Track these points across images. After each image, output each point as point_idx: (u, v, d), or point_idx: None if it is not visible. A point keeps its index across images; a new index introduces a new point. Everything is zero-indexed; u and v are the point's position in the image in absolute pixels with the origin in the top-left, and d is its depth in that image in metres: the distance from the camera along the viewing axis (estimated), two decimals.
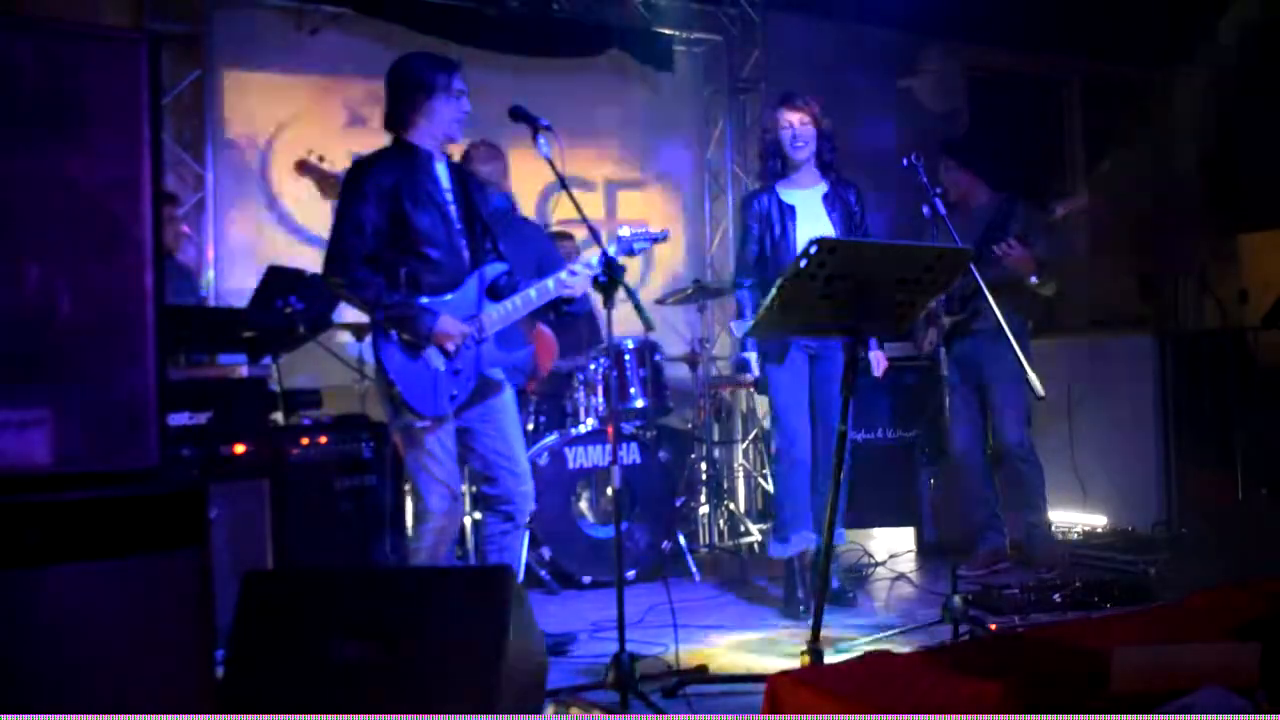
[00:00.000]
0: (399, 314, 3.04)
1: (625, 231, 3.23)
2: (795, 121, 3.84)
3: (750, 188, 6.38)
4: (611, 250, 3.15)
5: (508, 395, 3.35)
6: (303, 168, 4.17)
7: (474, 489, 3.91)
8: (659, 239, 3.34)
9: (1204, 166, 7.67)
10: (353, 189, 3.08)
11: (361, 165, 3.13)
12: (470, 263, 3.23)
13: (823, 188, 3.92)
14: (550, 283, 3.21)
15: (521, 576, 3.42)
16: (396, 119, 3.18)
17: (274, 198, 5.29)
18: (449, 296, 3.15)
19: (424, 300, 3.10)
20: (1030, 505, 4.53)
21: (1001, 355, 4.33)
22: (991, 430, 4.57)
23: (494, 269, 3.28)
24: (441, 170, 3.22)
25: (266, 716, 2.09)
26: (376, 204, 3.05)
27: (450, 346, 3.09)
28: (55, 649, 1.81)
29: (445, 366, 3.10)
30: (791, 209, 3.88)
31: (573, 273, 3.21)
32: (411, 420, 3.09)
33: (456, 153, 4.27)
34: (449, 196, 3.21)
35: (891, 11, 6.29)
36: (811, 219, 3.86)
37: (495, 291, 3.26)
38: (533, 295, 3.21)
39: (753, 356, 3.90)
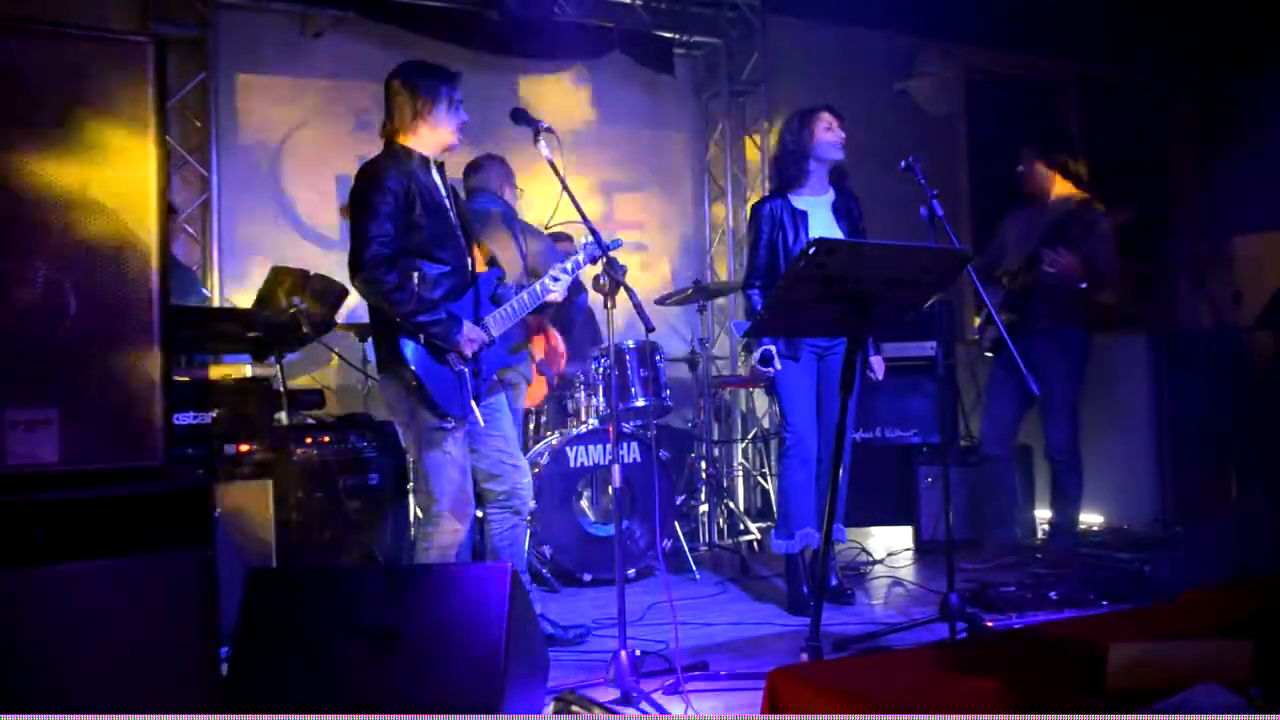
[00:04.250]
0: (432, 320, 3.07)
1: (587, 236, 3.27)
2: (838, 126, 3.96)
3: (751, 191, 6.42)
4: (581, 258, 3.36)
5: (503, 395, 3.44)
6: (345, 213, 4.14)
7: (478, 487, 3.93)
8: (615, 246, 3.41)
9: (1199, 168, 7.70)
10: (372, 193, 3.06)
11: (375, 170, 3.11)
12: (471, 266, 3.27)
13: (830, 196, 4.01)
14: (538, 287, 3.37)
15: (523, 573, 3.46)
16: (398, 125, 3.19)
17: (280, 199, 5.31)
18: (460, 300, 3.20)
19: (444, 305, 3.14)
20: (1056, 505, 4.55)
21: (1056, 356, 4.36)
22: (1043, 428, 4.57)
23: (491, 274, 3.36)
24: (436, 176, 3.25)
25: (270, 715, 2.11)
26: (394, 208, 3.05)
27: (469, 351, 3.15)
28: (61, 646, 1.83)
29: (467, 369, 3.16)
30: (804, 214, 3.94)
31: (554, 278, 3.38)
32: (436, 421, 3.12)
33: (460, 164, 4.31)
34: (448, 203, 3.24)
35: (890, 15, 6.31)
36: (822, 224, 3.94)
37: (493, 297, 3.34)
38: (525, 299, 3.35)
39: (773, 349, 3.93)
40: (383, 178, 3.06)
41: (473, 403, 3.17)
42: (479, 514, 3.67)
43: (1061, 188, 4.54)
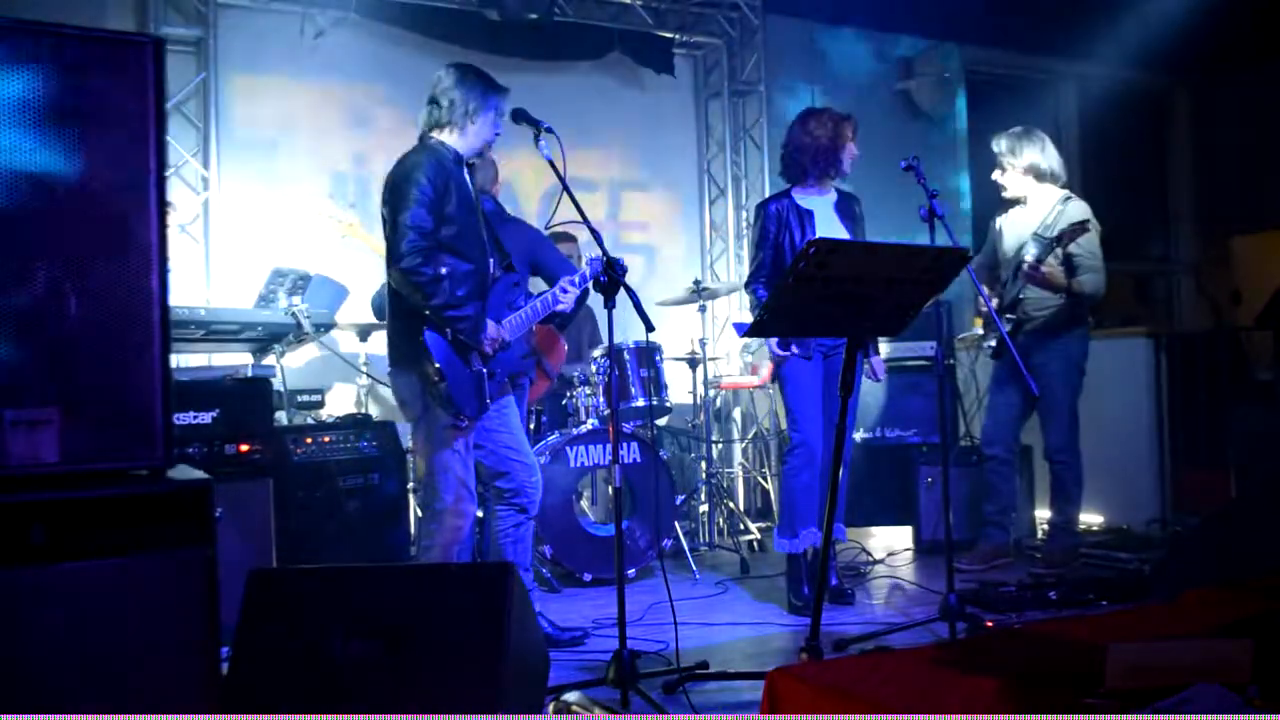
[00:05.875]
0: (461, 315, 3.09)
1: (583, 264, 3.32)
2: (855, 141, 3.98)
3: (752, 191, 6.42)
4: (588, 271, 3.44)
5: (511, 396, 3.46)
6: (323, 219, 4.18)
7: (483, 486, 3.96)
8: (621, 268, 3.43)
9: (1199, 168, 7.71)
10: (411, 185, 3.07)
11: (416, 164, 3.12)
12: (492, 268, 3.29)
13: (834, 196, 4.03)
14: (549, 296, 3.45)
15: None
16: (442, 120, 3.20)
17: (281, 199, 5.31)
18: (483, 300, 3.22)
19: (470, 303, 3.15)
20: (1055, 506, 4.56)
21: (1055, 358, 4.38)
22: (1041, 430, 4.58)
23: (507, 279, 3.39)
24: (466, 175, 3.27)
25: (270, 715, 2.10)
26: (432, 203, 3.07)
27: (490, 350, 3.17)
28: (62, 646, 1.83)
29: (485, 369, 3.18)
30: (810, 213, 3.96)
31: (564, 289, 3.46)
32: (450, 419, 3.13)
33: None
34: (476, 204, 3.27)
35: (890, 14, 6.32)
36: (828, 223, 3.95)
37: (508, 302, 3.37)
38: (538, 307, 3.42)
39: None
40: (422, 170, 3.09)
41: (486, 401, 3.20)
42: (479, 513, 3.68)
43: (1039, 187, 4.56)
